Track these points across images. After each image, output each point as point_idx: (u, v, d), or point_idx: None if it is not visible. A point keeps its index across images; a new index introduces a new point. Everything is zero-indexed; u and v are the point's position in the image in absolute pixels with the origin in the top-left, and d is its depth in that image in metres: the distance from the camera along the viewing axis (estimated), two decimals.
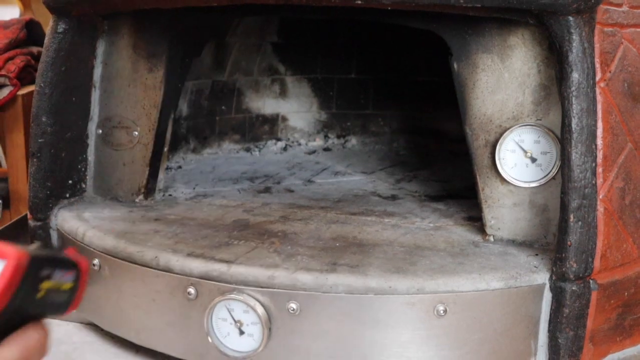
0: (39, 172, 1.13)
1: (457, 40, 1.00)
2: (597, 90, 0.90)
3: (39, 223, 1.14)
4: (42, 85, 1.11)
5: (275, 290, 0.90)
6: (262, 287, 0.90)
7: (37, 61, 1.62)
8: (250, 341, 0.92)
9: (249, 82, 1.69)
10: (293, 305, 0.90)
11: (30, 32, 1.69)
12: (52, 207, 1.15)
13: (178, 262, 0.95)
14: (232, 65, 1.62)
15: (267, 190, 1.33)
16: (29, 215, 1.16)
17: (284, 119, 1.77)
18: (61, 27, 1.10)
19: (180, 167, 1.49)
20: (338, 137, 1.81)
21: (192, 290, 0.93)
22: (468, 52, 1.00)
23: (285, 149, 1.73)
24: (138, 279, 0.98)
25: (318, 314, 0.90)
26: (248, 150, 1.69)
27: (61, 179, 1.16)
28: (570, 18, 0.88)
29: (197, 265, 0.93)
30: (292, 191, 1.33)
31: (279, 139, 1.76)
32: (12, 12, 2.06)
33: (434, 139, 1.78)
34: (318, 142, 1.79)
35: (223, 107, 1.65)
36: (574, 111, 0.88)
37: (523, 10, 0.90)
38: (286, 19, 1.65)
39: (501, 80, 0.99)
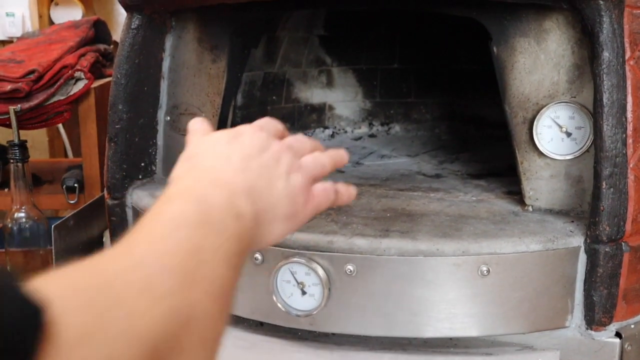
0: (116, 155, 1.25)
1: (497, 26, 1.09)
2: (627, 68, 0.97)
3: (116, 202, 1.26)
4: (118, 76, 1.22)
5: (334, 254, 1.00)
6: (322, 252, 1.00)
7: (104, 57, 1.75)
8: (311, 300, 1.02)
9: (297, 74, 1.80)
10: (350, 267, 0.99)
11: (97, 30, 1.82)
12: (127, 187, 1.26)
13: None
14: (282, 58, 1.73)
15: None
16: (106, 195, 1.28)
17: (331, 107, 1.87)
18: (135, 24, 1.22)
19: None
20: (382, 124, 1.90)
21: (258, 255, 1.03)
22: (506, 37, 1.08)
23: (332, 136, 1.83)
24: None
25: (372, 274, 0.99)
26: None
27: (135, 161, 1.27)
28: (601, 2, 0.96)
29: None
30: (342, 172, 1.43)
31: (326, 127, 1.86)
32: (75, 14, 2.21)
33: (474, 125, 1.85)
34: (363, 129, 1.89)
35: (274, 97, 1.76)
36: (605, 87, 0.96)
37: None
38: (332, 12, 1.75)
39: (537, 61, 1.07)
